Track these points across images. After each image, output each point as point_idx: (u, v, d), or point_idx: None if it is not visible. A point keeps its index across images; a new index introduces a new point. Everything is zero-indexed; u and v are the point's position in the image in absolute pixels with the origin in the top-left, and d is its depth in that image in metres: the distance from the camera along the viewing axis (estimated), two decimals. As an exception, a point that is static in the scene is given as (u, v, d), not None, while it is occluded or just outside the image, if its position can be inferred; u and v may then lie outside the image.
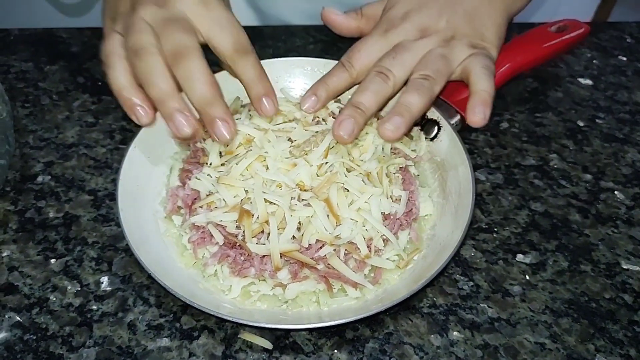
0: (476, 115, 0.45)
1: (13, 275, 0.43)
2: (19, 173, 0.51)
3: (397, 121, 0.44)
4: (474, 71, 0.47)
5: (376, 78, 0.46)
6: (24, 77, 0.60)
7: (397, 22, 0.49)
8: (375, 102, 0.45)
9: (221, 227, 0.42)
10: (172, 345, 0.40)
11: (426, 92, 0.45)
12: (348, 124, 0.43)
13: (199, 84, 0.42)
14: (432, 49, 0.48)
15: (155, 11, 0.43)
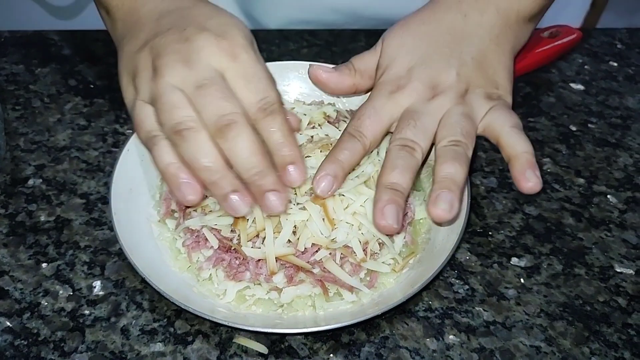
0: (530, 180, 0.40)
1: (3, 279, 0.43)
2: (9, 176, 0.50)
3: (449, 197, 0.39)
4: (504, 132, 0.42)
5: (402, 152, 0.41)
6: (15, 80, 0.60)
7: (403, 82, 0.44)
8: (409, 179, 0.40)
9: (216, 231, 0.42)
10: (166, 350, 0.39)
11: (464, 159, 0.40)
12: (392, 211, 0.38)
13: (248, 156, 0.37)
14: (449, 108, 0.43)
15: (184, 74, 0.38)
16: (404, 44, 0.46)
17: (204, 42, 0.40)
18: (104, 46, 0.64)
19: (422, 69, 0.44)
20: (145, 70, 0.40)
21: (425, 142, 0.42)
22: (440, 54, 0.45)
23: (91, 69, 0.61)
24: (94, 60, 0.62)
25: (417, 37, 0.46)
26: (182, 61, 0.39)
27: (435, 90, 0.43)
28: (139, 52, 0.41)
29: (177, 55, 0.39)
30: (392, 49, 0.46)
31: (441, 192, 0.39)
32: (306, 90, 0.55)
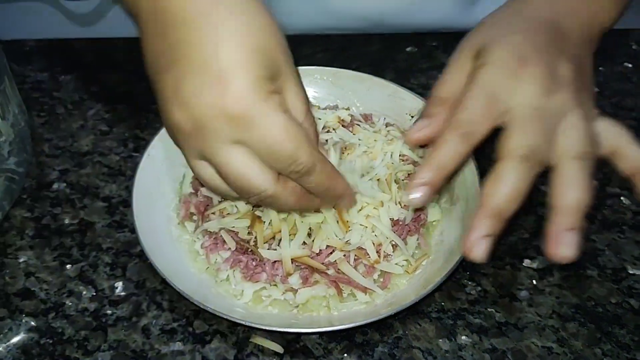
0: None
1: (30, 280, 0.45)
2: (35, 181, 0.52)
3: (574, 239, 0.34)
4: (623, 142, 0.39)
5: (521, 167, 0.35)
6: (40, 87, 0.62)
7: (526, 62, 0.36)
8: (516, 204, 0.35)
9: (233, 233, 0.43)
10: (185, 349, 0.40)
11: (591, 175, 0.36)
12: (482, 245, 0.34)
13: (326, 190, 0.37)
14: (571, 108, 0.37)
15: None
16: (504, 27, 0.39)
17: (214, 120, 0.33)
18: (124, 54, 0.66)
19: (540, 53, 0.37)
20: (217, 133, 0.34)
21: (547, 151, 0.36)
22: (550, 44, 0.38)
23: (112, 76, 0.63)
24: (115, 67, 0.64)
25: (513, 22, 0.40)
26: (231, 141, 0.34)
27: (555, 82, 0.36)
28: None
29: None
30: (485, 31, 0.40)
31: (566, 231, 0.34)
32: (321, 94, 0.56)
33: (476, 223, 0.34)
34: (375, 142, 0.48)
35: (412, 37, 0.69)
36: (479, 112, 0.35)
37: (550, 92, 0.36)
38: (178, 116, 0.34)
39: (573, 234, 0.33)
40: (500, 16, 0.41)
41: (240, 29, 0.33)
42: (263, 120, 0.32)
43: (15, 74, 0.63)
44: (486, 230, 0.34)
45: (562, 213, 0.34)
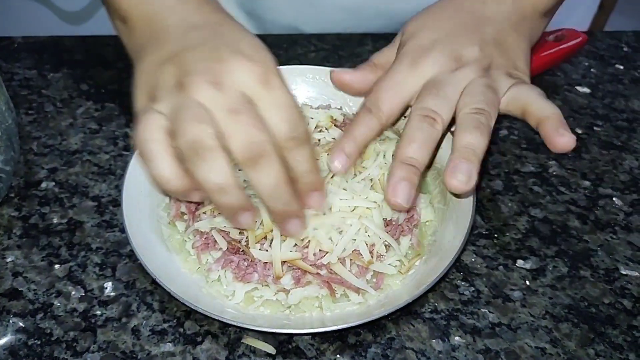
0: (563, 135, 0.40)
1: (17, 280, 0.44)
2: (23, 179, 0.51)
3: (467, 168, 0.38)
4: (530, 99, 0.42)
5: (422, 124, 0.40)
6: (28, 85, 0.61)
7: (426, 52, 0.43)
8: (427, 154, 0.40)
9: (224, 233, 0.43)
10: (175, 350, 0.40)
11: (486, 128, 0.40)
12: (404, 189, 0.38)
13: (275, 186, 0.36)
14: (473, 79, 0.43)
15: (214, 95, 0.36)
16: (425, 24, 0.47)
17: (237, 64, 0.37)
18: (114, 51, 0.65)
19: (446, 42, 0.44)
20: (169, 83, 0.37)
21: (447, 113, 0.41)
22: (464, 32, 0.45)
23: (102, 74, 0.62)
24: (105, 65, 0.63)
25: (437, 18, 0.47)
26: (212, 82, 0.36)
27: (459, 63, 0.43)
28: (164, 65, 0.39)
29: (208, 75, 0.36)
30: (413, 28, 0.47)
31: (459, 162, 0.38)
32: (313, 94, 0.55)
33: (392, 171, 0.40)
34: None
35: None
36: (384, 95, 0.42)
37: (451, 70, 0.43)
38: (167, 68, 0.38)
39: (466, 163, 0.38)
40: (434, 9, 0.48)
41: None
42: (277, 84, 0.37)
43: (3, 71, 0.62)
44: (401, 174, 0.39)
45: (457, 150, 0.39)
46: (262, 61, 0.38)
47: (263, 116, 0.37)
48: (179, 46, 0.39)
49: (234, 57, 0.37)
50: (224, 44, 0.39)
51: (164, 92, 0.37)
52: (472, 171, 0.38)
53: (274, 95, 0.37)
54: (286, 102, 0.37)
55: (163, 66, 0.39)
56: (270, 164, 0.36)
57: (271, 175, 0.36)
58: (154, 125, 0.36)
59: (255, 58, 0.38)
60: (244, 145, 0.35)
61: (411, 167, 0.39)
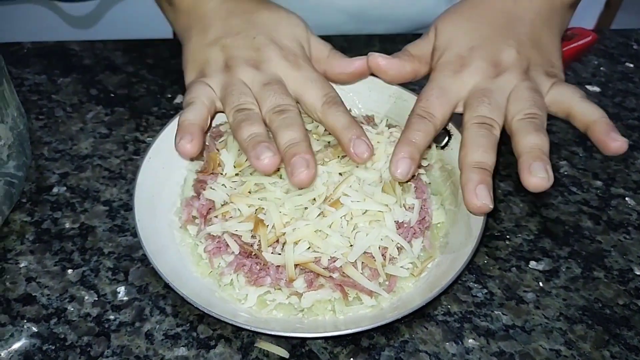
0: (617, 139, 0.40)
1: (31, 285, 0.44)
2: (34, 184, 0.51)
3: (542, 166, 0.39)
4: (574, 102, 0.43)
5: (482, 130, 0.42)
6: (38, 90, 0.61)
7: (466, 60, 0.45)
8: (493, 156, 0.41)
9: (236, 237, 0.43)
10: (189, 354, 0.40)
11: (543, 129, 0.41)
12: (484, 191, 0.39)
13: (292, 130, 0.41)
14: (516, 84, 0.44)
15: (253, 74, 0.45)
16: (459, 26, 0.48)
17: (271, 53, 0.47)
18: (123, 56, 0.65)
19: (483, 48, 0.45)
20: (217, 63, 0.47)
21: (501, 118, 0.42)
22: (498, 34, 0.46)
23: (111, 78, 0.63)
24: (114, 70, 0.64)
25: (471, 20, 0.48)
26: (252, 65, 0.46)
27: (499, 68, 0.44)
28: (211, 47, 0.48)
29: (249, 61, 0.46)
30: (448, 32, 0.48)
31: (533, 162, 0.39)
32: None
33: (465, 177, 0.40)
34: (378, 143, 0.47)
35: (412, 38, 0.69)
36: (435, 102, 0.44)
37: (493, 77, 0.44)
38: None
39: (540, 162, 0.39)
40: (465, 8, 0.49)
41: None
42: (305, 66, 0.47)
43: (13, 77, 0.62)
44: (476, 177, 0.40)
45: (526, 153, 0.40)
46: (292, 49, 0.48)
47: (297, 90, 0.46)
48: (222, 32, 0.48)
49: (269, 47, 0.47)
50: (259, 33, 0.48)
51: (214, 70, 0.47)
52: (548, 168, 0.39)
53: (303, 73, 0.46)
54: (316, 77, 0.46)
55: (210, 48, 0.48)
56: (291, 116, 0.43)
57: (290, 122, 0.42)
58: (203, 90, 0.45)
59: (286, 47, 0.48)
60: (272, 105, 0.44)
61: (483, 170, 0.40)
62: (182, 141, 0.41)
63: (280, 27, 0.49)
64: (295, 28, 0.49)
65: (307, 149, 0.41)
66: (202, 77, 0.46)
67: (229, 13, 0.49)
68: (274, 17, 0.50)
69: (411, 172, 0.41)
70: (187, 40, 0.50)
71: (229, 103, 0.44)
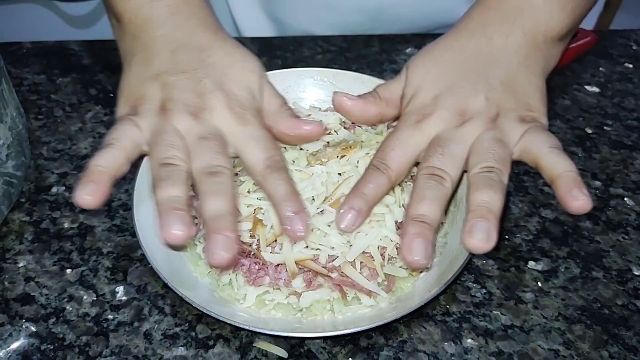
0: (578, 199, 0.37)
1: (29, 285, 0.44)
2: (33, 184, 0.51)
3: (485, 226, 0.36)
4: (543, 153, 0.40)
5: (430, 181, 0.39)
6: (37, 90, 0.61)
7: (428, 110, 0.42)
8: (439, 210, 0.38)
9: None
10: (188, 354, 0.40)
11: (499, 185, 0.38)
12: (420, 246, 0.37)
13: (219, 199, 0.38)
14: (480, 134, 0.41)
15: (190, 123, 0.41)
16: (428, 72, 0.45)
17: (216, 102, 0.42)
18: (122, 55, 0.65)
19: (449, 96, 0.43)
20: (153, 103, 0.42)
21: (455, 170, 0.40)
22: (467, 80, 0.43)
23: (110, 78, 0.63)
24: (113, 70, 0.64)
25: (441, 64, 0.45)
26: (191, 113, 0.41)
27: (464, 117, 0.42)
28: (150, 82, 0.43)
29: (189, 107, 0.41)
30: (417, 78, 0.45)
31: (476, 221, 0.36)
32: (322, 96, 0.55)
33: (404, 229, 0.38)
34: (378, 144, 0.47)
35: (411, 38, 0.69)
36: (392, 154, 0.41)
37: (456, 126, 0.42)
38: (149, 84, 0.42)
39: (483, 222, 0.36)
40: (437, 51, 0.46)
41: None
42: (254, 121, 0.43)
43: (12, 77, 0.62)
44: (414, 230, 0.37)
45: (473, 210, 0.37)
46: (242, 100, 0.43)
47: (238, 147, 0.42)
48: (166, 66, 0.43)
49: (214, 94, 0.42)
50: (208, 75, 0.43)
51: (147, 110, 0.42)
52: (491, 229, 0.36)
53: (247, 129, 0.42)
54: (260, 135, 0.42)
55: (149, 83, 0.43)
56: (223, 182, 0.39)
57: (219, 189, 0.39)
58: (127, 132, 0.41)
59: (236, 97, 0.43)
60: (203, 164, 0.40)
61: (424, 223, 0.38)
62: (80, 192, 0.37)
63: (233, 71, 0.44)
64: (250, 75, 0.44)
65: (229, 224, 0.37)
66: (134, 114, 0.42)
67: (179, 46, 0.44)
68: (228, 59, 0.44)
69: (357, 224, 0.39)
70: (127, 68, 0.45)
71: (155, 154, 0.40)
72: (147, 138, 0.41)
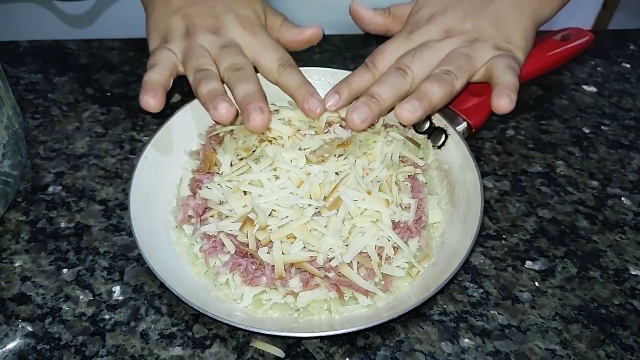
0: (502, 98, 0.45)
1: (26, 285, 0.44)
2: (30, 184, 0.51)
3: (416, 104, 0.44)
4: (497, 68, 0.47)
5: (394, 73, 0.47)
6: (34, 89, 0.61)
7: (421, 24, 0.51)
8: (391, 95, 0.46)
9: (232, 236, 0.42)
10: (184, 354, 0.40)
11: (446, 84, 0.45)
12: (363, 110, 0.45)
13: (247, 83, 0.47)
14: (455, 48, 0.48)
15: (211, 39, 0.50)
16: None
17: (229, 21, 0.52)
18: (119, 55, 0.65)
19: (441, 16, 0.51)
20: (178, 30, 0.51)
21: (419, 70, 0.47)
22: (462, 6, 0.51)
23: (107, 78, 0.62)
24: (110, 69, 0.63)
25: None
26: (211, 31, 0.51)
27: (448, 34, 0.49)
28: (172, 16, 0.52)
29: (208, 27, 0.51)
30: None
31: (411, 99, 0.45)
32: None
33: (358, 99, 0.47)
34: (375, 143, 0.47)
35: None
36: (381, 56, 0.50)
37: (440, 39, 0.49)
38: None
39: (415, 100, 0.45)
40: None
41: None
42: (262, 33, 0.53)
43: (9, 76, 0.62)
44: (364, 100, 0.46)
45: (415, 93, 0.46)
46: (249, 17, 0.52)
47: (253, 54, 0.51)
48: (183, 2, 0.53)
49: (226, 15, 0.52)
50: (219, 2, 0.53)
51: (175, 37, 0.51)
52: (419, 109, 0.44)
53: (259, 39, 0.52)
54: (269, 42, 0.52)
55: (172, 17, 0.52)
56: (246, 72, 0.48)
57: (244, 75, 0.47)
58: (165, 55, 0.50)
59: (244, 15, 0.52)
60: (229, 64, 0.49)
61: (374, 99, 0.45)
62: (146, 97, 0.46)
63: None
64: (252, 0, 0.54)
65: (260, 97, 0.46)
66: (165, 43, 0.51)
67: None
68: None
69: (338, 107, 0.47)
70: (151, 11, 0.54)
71: (190, 65, 0.49)
72: (181, 58, 0.50)
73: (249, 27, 0.52)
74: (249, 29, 0.52)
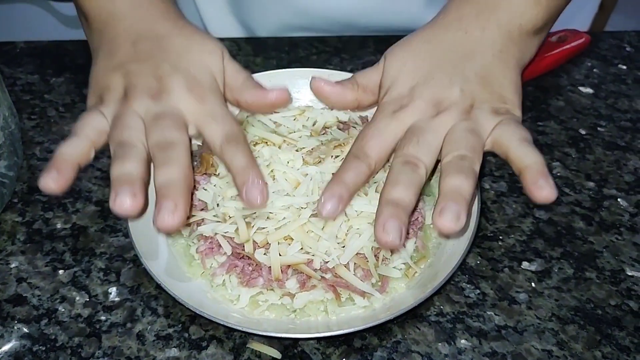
0: (543, 188, 0.37)
1: (21, 286, 0.44)
2: (26, 184, 0.51)
3: (455, 208, 0.36)
4: (512, 146, 0.40)
5: (405, 168, 0.40)
6: (30, 90, 0.61)
7: (405, 101, 0.43)
8: (412, 195, 0.39)
9: (229, 238, 0.42)
10: (181, 355, 0.40)
11: (470, 172, 0.39)
12: (394, 225, 0.37)
13: (170, 168, 0.39)
14: (454, 124, 0.42)
15: (148, 106, 0.42)
16: (405, 63, 0.45)
17: (174, 84, 0.43)
18: (116, 55, 0.65)
19: (425, 88, 0.44)
20: (116, 91, 0.43)
21: (429, 158, 0.41)
22: (443, 72, 0.44)
23: (104, 78, 0.62)
24: (107, 70, 0.63)
25: (418, 56, 0.45)
26: (151, 96, 0.42)
27: (439, 108, 0.43)
28: (114, 72, 0.44)
29: (149, 91, 0.43)
30: (394, 69, 0.46)
31: (446, 203, 0.37)
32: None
33: (378, 211, 0.38)
34: (372, 144, 0.47)
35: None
36: (370, 143, 0.42)
37: (431, 117, 0.42)
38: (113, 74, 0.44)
39: (453, 204, 0.37)
40: (415, 43, 0.47)
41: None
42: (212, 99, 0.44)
43: (5, 76, 0.62)
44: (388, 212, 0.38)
45: (443, 194, 0.38)
46: (200, 80, 0.44)
47: (197, 124, 0.43)
48: (128, 56, 0.45)
49: (172, 77, 0.43)
50: (166, 61, 0.44)
51: (111, 98, 0.43)
52: (460, 211, 0.36)
53: (206, 107, 0.43)
54: (218, 111, 0.43)
55: (113, 73, 0.44)
56: (178, 152, 0.40)
57: (174, 156, 0.39)
58: (92, 121, 0.42)
59: (193, 77, 0.44)
60: (156, 140, 0.40)
61: (398, 206, 0.38)
62: (44, 178, 0.38)
63: (191, 54, 0.45)
64: (208, 56, 0.46)
65: (179, 191, 0.38)
66: (100, 103, 0.43)
67: (139, 37, 0.46)
68: (185, 43, 0.46)
69: (339, 211, 0.39)
70: (95, 60, 0.47)
71: (113, 137, 0.41)
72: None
73: (197, 92, 0.43)
74: (197, 94, 0.43)
